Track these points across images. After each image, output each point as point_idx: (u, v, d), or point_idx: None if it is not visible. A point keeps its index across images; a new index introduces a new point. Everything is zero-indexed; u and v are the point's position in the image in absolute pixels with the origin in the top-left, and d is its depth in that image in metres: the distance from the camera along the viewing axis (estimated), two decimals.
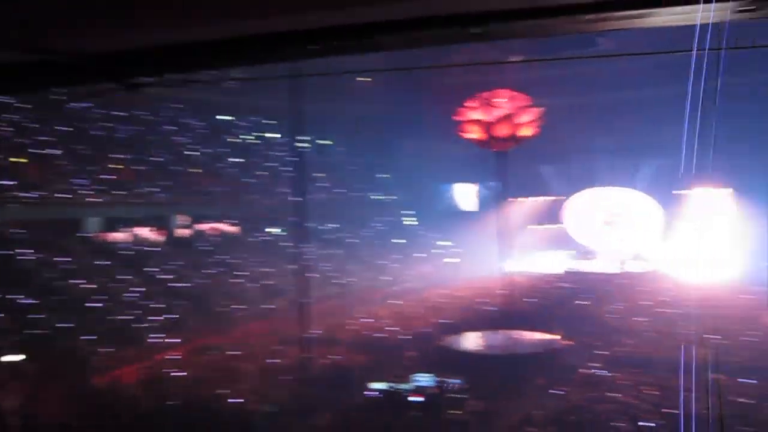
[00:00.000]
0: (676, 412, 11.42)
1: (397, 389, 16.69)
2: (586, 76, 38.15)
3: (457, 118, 29.68)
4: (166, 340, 21.55)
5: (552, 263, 38.54)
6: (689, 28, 3.94)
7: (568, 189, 40.84)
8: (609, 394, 15.77)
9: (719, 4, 3.25)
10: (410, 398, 16.28)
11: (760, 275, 31.12)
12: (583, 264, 37.65)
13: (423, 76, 41.28)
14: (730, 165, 30.92)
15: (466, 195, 46.77)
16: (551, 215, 41.23)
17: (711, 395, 12.70)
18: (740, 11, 3.28)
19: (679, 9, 3.21)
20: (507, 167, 28.86)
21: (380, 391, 16.67)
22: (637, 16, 3.28)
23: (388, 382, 16.97)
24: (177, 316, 23.92)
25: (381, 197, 42.81)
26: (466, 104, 29.55)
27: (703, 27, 3.86)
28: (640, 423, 13.39)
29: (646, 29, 4.03)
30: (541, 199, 42.55)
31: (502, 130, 27.58)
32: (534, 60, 40.64)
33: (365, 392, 16.66)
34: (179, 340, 21.67)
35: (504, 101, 28.38)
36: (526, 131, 28.02)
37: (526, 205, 41.68)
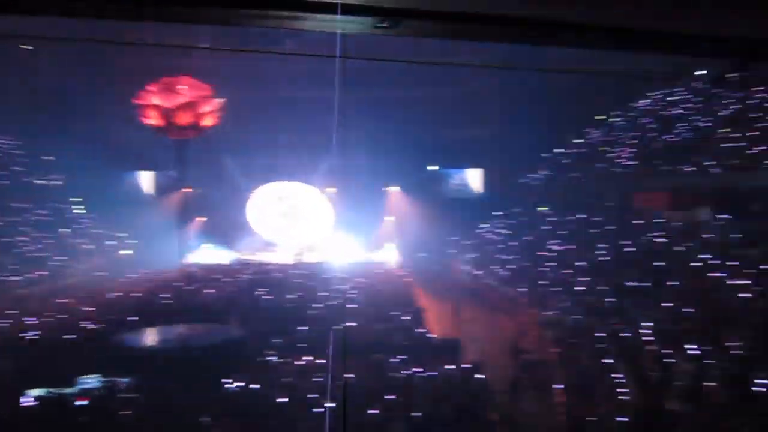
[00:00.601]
0: (342, 391, 12.45)
1: (60, 394, 15.28)
2: (270, 72, 39.25)
3: (137, 102, 28.18)
4: None
5: (231, 254, 38.85)
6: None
7: (251, 182, 41.54)
8: (284, 379, 16.48)
9: (363, 18, 3.64)
10: (75, 402, 15.04)
11: (411, 263, 36.14)
12: (262, 255, 38.69)
13: (103, 52, 38.01)
14: (393, 165, 34.92)
15: (143, 183, 44.45)
16: (230, 206, 41.46)
17: (372, 373, 14.18)
18: (377, 27, 3.73)
19: (327, 17, 3.51)
20: (188, 157, 28.32)
21: (39, 398, 15.06)
22: (290, 18, 3.50)
23: (48, 387, 15.41)
24: None
25: (44, 182, 38.21)
26: (147, 88, 28.23)
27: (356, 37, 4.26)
28: (313, 407, 14.24)
29: (322, 33, 4.25)
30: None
31: (183, 118, 27.01)
32: (216, 49, 40.28)
33: (21, 401, 14.87)
34: None
35: (186, 88, 27.81)
36: (208, 121, 27.85)
37: (203, 196, 41.19)
